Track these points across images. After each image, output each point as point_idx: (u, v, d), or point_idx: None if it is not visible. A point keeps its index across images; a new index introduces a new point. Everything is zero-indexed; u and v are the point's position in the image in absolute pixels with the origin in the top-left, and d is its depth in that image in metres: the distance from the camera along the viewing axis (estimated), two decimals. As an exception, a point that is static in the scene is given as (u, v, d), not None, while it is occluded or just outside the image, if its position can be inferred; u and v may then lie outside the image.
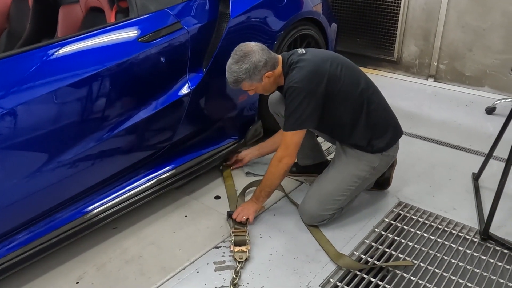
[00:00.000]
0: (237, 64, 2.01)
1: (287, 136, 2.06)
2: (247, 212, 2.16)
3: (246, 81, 2.04)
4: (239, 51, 2.02)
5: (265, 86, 2.10)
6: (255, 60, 1.99)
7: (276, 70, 2.06)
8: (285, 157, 2.07)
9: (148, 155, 2.25)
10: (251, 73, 2.01)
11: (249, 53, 2.00)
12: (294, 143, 2.07)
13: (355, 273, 1.92)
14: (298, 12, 2.77)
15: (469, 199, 2.42)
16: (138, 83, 2.10)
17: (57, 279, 1.91)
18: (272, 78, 2.07)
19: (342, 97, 2.06)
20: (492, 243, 2.10)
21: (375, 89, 2.18)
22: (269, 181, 2.15)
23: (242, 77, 2.02)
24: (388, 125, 2.16)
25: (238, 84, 2.06)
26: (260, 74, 2.02)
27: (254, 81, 2.04)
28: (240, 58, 2.00)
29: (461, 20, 3.84)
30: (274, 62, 2.05)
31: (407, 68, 4.31)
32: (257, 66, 2.00)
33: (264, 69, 2.02)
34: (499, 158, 2.73)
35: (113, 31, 2.04)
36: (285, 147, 2.08)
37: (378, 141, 2.12)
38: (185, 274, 1.92)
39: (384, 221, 2.26)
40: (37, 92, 1.74)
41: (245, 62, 1.99)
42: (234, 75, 2.02)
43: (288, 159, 2.08)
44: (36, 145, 1.79)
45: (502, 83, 3.79)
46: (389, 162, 2.24)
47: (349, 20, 4.45)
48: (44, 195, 1.87)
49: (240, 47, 2.04)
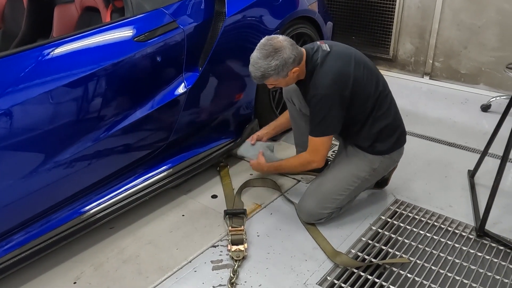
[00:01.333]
0: (266, 60, 1.92)
1: (317, 142, 2.05)
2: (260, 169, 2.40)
3: (272, 77, 1.98)
4: (268, 46, 1.93)
5: (288, 81, 2.05)
6: (285, 56, 1.92)
7: (300, 65, 2.01)
8: (316, 162, 2.10)
9: (144, 155, 2.25)
10: (280, 70, 1.94)
11: (280, 49, 1.92)
12: (324, 148, 2.07)
13: (352, 271, 1.93)
14: (293, 10, 2.77)
15: (465, 196, 2.43)
16: (134, 83, 2.10)
17: (55, 279, 1.91)
18: (297, 73, 2.02)
19: (363, 98, 2.03)
20: (488, 239, 2.11)
21: (390, 92, 2.15)
22: (288, 169, 2.35)
23: (270, 73, 1.95)
24: (394, 132, 2.14)
25: (263, 79, 2.00)
26: (287, 70, 1.96)
27: (280, 77, 1.98)
28: (270, 53, 1.92)
29: (456, 18, 3.85)
30: (301, 57, 2.00)
31: (402, 66, 4.32)
32: (287, 62, 1.93)
33: (292, 65, 1.96)
34: (494, 155, 2.75)
35: (108, 30, 2.03)
36: (315, 151, 2.08)
37: (380, 144, 2.11)
38: (182, 273, 1.93)
39: (380, 219, 2.27)
40: (33, 92, 1.74)
41: (275, 58, 1.91)
42: (262, 70, 1.95)
43: (318, 164, 2.10)
44: (32, 145, 1.79)
45: (497, 81, 3.80)
46: (390, 165, 2.23)
47: (344, 18, 4.46)
48: (41, 195, 1.86)
49: (269, 41, 1.94)
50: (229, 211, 2.22)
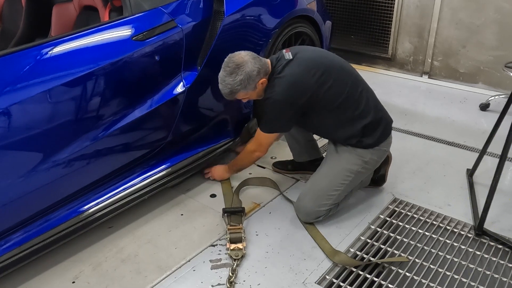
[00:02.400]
0: (230, 76, 2.01)
1: (262, 136, 2.19)
2: (215, 175, 2.52)
3: (241, 92, 2.06)
4: (231, 63, 2.02)
5: (259, 92, 2.12)
6: (248, 70, 2.00)
7: (267, 75, 2.08)
8: (257, 152, 2.26)
9: (143, 154, 2.24)
10: (246, 83, 2.02)
11: (242, 64, 2.00)
12: (267, 143, 2.23)
13: (351, 270, 1.93)
14: (292, 9, 2.77)
15: (463, 195, 2.44)
16: (132, 82, 2.10)
17: (53, 279, 1.90)
18: (265, 84, 2.08)
19: (324, 106, 2.08)
20: (487, 238, 2.11)
21: (364, 88, 2.15)
22: (240, 162, 2.43)
23: (237, 89, 2.04)
24: (378, 124, 2.15)
25: (233, 95, 2.08)
26: (254, 82, 2.04)
27: (248, 90, 2.06)
28: (234, 70, 2.00)
29: (454, 17, 3.85)
30: (266, 68, 2.07)
31: (401, 65, 4.32)
32: (251, 76, 2.01)
33: (258, 77, 2.04)
34: (493, 154, 2.75)
35: (107, 30, 2.03)
36: (258, 143, 2.23)
37: (367, 138, 2.13)
38: (181, 272, 1.93)
39: (379, 217, 2.27)
40: (31, 91, 1.73)
41: (239, 74, 2.00)
42: (229, 87, 2.03)
43: (260, 154, 2.28)
44: (31, 144, 1.78)
45: (496, 80, 3.80)
46: (382, 156, 2.23)
47: (343, 18, 4.46)
48: (40, 195, 1.86)
49: (231, 59, 2.03)
50: (228, 209, 2.23)
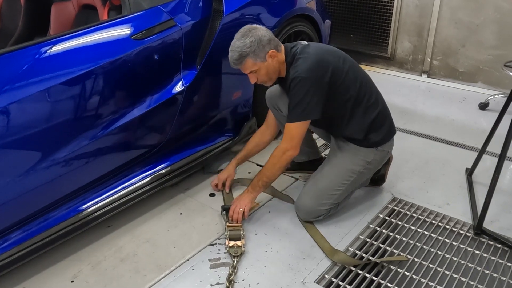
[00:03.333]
0: (241, 39, 1.99)
1: (292, 128, 2.02)
2: (243, 204, 2.13)
3: (250, 57, 2.00)
4: (243, 29, 2.03)
5: (268, 68, 2.04)
6: (259, 34, 1.99)
7: (280, 53, 2.05)
8: (290, 149, 2.04)
9: (142, 153, 2.24)
10: (255, 47, 1.98)
11: (254, 29, 2.01)
12: (299, 135, 2.04)
13: (350, 269, 1.93)
14: (291, 8, 2.77)
15: (462, 194, 2.44)
16: (131, 81, 2.09)
17: (52, 278, 1.90)
18: (275, 60, 2.04)
19: (344, 89, 2.06)
20: (486, 237, 2.11)
21: (374, 85, 2.20)
22: (269, 172, 2.11)
23: (246, 51, 1.98)
24: (385, 119, 2.17)
25: (242, 60, 2.01)
26: (264, 51, 2.00)
27: (258, 58, 2.00)
28: (245, 33, 2.00)
29: (454, 16, 3.85)
30: (278, 44, 2.05)
31: (401, 64, 4.32)
32: (262, 40, 1.98)
33: (268, 46, 2.00)
34: (492, 153, 2.75)
35: (105, 28, 2.03)
36: (289, 138, 2.04)
37: (374, 134, 2.12)
38: (180, 271, 1.93)
39: (378, 217, 2.27)
40: (30, 90, 1.73)
41: (249, 36, 1.98)
42: (238, 50, 1.99)
43: (293, 151, 2.05)
44: (30, 143, 1.78)
45: (495, 79, 3.80)
46: (384, 158, 2.24)
47: (342, 17, 4.46)
48: (38, 194, 1.86)
49: (244, 26, 2.05)
50: (227, 206, 2.22)
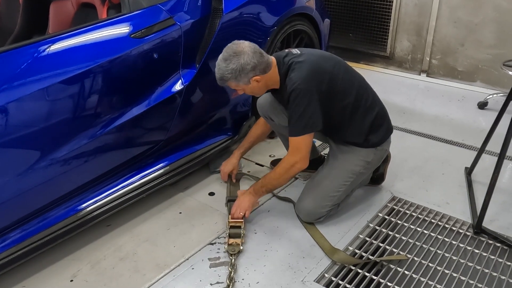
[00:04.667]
0: (225, 62, 1.95)
1: (298, 141, 1.99)
2: (243, 208, 2.12)
3: (231, 81, 1.99)
4: (229, 49, 1.96)
5: (253, 89, 2.05)
6: (242, 62, 1.92)
7: (267, 75, 2.01)
8: (299, 161, 2.00)
9: (141, 152, 2.24)
10: (237, 74, 1.95)
11: (239, 54, 1.93)
12: (306, 147, 2.00)
13: (350, 268, 1.93)
14: (291, 7, 2.76)
15: (462, 193, 2.44)
16: (130, 80, 2.09)
17: (51, 277, 1.90)
18: (261, 82, 2.02)
19: (342, 96, 2.04)
20: (485, 236, 2.11)
21: (369, 85, 2.20)
22: (275, 181, 2.09)
23: (227, 77, 1.97)
24: (383, 119, 2.18)
25: (223, 82, 2.02)
26: (247, 77, 1.97)
27: (240, 82, 1.99)
28: (229, 56, 1.94)
29: (453, 15, 3.85)
30: (266, 66, 1.99)
31: (400, 63, 4.32)
32: (244, 69, 1.93)
33: (251, 73, 1.96)
34: (491, 152, 2.75)
35: (105, 27, 2.02)
36: (297, 151, 2.00)
37: (374, 136, 2.13)
38: (180, 270, 1.92)
39: (378, 216, 2.27)
40: (29, 89, 1.73)
41: (232, 62, 1.93)
42: (221, 72, 1.97)
43: (302, 164, 2.01)
44: (28, 142, 1.78)
45: (494, 78, 3.81)
46: (383, 156, 2.25)
47: (342, 16, 4.45)
48: (37, 193, 1.85)
49: (233, 45, 1.97)
50: (232, 198, 2.17)
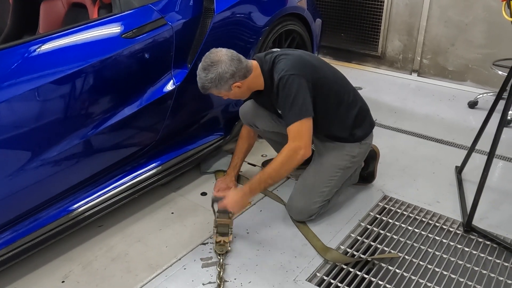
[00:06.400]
0: (204, 72, 1.96)
1: (296, 127, 1.92)
2: (235, 207, 2.00)
3: (213, 89, 2.00)
4: (207, 59, 1.97)
5: (236, 94, 2.06)
6: (220, 71, 1.93)
7: (248, 79, 2.02)
8: (302, 148, 1.91)
9: (133, 152, 2.23)
10: (217, 83, 1.96)
11: (216, 63, 1.94)
12: (307, 131, 1.93)
13: (341, 267, 1.94)
14: (282, 7, 2.76)
15: (452, 192, 2.46)
16: (122, 80, 2.08)
17: (43, 278, 1.89)
18: (243, 87, 2.03)
19: (326, 89, 2.07)
20: (475, 235, 2.13)
21: (349, 82, 2.23)
22: (275, 172, 1.96)
23: (208, 86, 1.98)
24: (366, 114, 2.23)
25: (205, 91, 2.02)
26: (227, 84, 1.97)
27: (221, 90, 2.00)
28: (207, 66, 1.95)
29: (444, 15, 3.88)
30: (246, 71, 2.00)
31: (391, 63, 4.35)
32: (223, 77, 1.94)
33: (231, 80, 1.96)
34: (481, 151, 2.78)
35: (96, 27, 2.01)
36: (298, 137, 1.92)
37: (359, 130, 2.17)
38: (172, 271, 1.92)
39: (369, 215, 2.28)
40: (19, 89, 1.72)
41: (211, 72, 1.94)
42: (201, 82, 1.99)
43: (305, 151, 1.92)
44: (19, 143, 1.77)
45: (484, 77, 3.84)
46: (367, 150, 2.28)
47: (333, 16, 4.47)
48: (28, 194, 1.84)
49: (210, 54, 1.98)
50: (218, 198, 2.04)
